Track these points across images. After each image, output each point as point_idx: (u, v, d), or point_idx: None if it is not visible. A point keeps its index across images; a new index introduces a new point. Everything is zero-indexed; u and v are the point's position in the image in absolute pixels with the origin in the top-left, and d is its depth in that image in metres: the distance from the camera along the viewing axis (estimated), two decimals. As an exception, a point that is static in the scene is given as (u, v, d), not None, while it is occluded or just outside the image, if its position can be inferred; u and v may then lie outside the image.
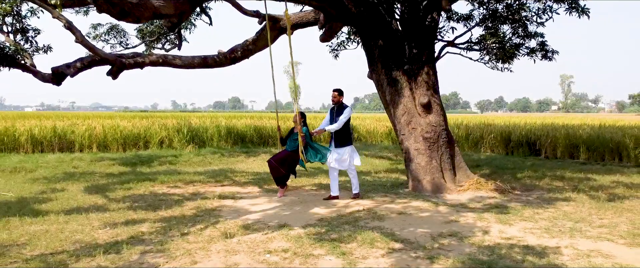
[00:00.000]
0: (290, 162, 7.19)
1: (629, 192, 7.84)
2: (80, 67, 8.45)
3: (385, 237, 4.96)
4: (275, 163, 7.13)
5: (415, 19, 7.77)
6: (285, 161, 7.17)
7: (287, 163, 7.17)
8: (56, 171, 10.17)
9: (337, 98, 7.02)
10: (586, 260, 4.24)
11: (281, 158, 7.21)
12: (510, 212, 6.19)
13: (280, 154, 7.31)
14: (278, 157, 7.24)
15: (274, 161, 7.17)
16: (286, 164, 7.16)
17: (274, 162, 7.15)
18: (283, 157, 7.21)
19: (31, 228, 5.43)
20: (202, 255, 4.42)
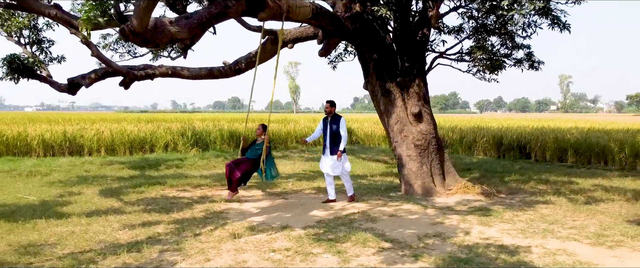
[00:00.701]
0: (246, 170, 7.43)
1: (606, 195, 8.43)
2: (94, 78, 9.01)
3: (376, 237, 5.55)
4: (234, 166, 7.43)
5: (407, 34, 8.36)
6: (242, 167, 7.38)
7: (244, 170, 7.41)
8: (69, 174, 10.76)
9: (329, 109, 7.59)
10: (551, 258, 4.82)
11: (240, 163, 7.45)
12: (491, 214, 6.79)
13: (240, 159, 7.57)
14: (237, 161, 7.51)
15: (234, 164, 7.50)
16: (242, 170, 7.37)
17: (233, 165, 7.43)
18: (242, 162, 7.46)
19: (57, 229, 6.02)
20: (214, 254, 5.00)
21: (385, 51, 8.37)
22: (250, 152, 7.65)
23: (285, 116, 26.29)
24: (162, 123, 18.31)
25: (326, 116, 7.68)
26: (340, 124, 7.47)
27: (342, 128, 7.50)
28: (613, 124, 24.06)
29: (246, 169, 7.41)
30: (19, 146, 13.24)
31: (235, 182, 7.36)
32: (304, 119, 23.78)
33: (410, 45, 8.33)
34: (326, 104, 7.65)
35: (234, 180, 7.34)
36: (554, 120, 29.97)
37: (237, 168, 7.33)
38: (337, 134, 7.45)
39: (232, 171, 7.35)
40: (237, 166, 7.37)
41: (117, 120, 19.25)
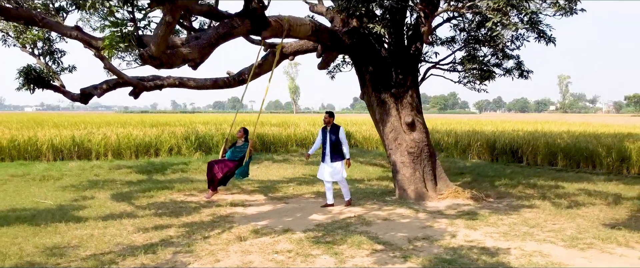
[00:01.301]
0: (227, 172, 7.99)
1: (589, 199, 8.96)
2: (106, 88, 9.52)
3: (370, 240, 6.08)
4: (217, 167, 7.95)
5: (400, 48, 8.89)
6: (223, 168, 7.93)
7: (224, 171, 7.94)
8: (80, 179, 11.28)
9: (328, 120, 8.13)
10: (527, 259, 5.35)
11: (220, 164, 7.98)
12: (478, 218, 7.32)
13: (221, 160, 8.09)
14: (219, 162, 8.04)
15: (216, 165, 8.00)
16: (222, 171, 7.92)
17: (216, 166, 7.98)
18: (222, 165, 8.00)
19: (77, 232, 6.54)
20: (222, 255, 5.53)
21: (381, 64, 8.90)
22: (231, 153, 8.20)
23: (285, 120, 26.78)
24: (166, 127, 18.85)
25: (325, 126, 8.20)
26: (339, 134, 8.00)
27: (342, 137, 8.04)
28: (606, 127, 24.56)
29: (227, 171, 7.95)
30: (29, 151, 13.76)
31: (216, 182, 7.91)
32: (304, 123, 24.30)
33: (404, 58, 8.85)
34: (325, 115, 8.18)
35: (215, 180, 7.89)
36: (548, 122, 30.46)
37: (219, 170, 7.85)
38: (337, 143, 7.97)
39: (213, 171, 7.86)
40: (219, 168, 7.88)
41: (121, 124, 19.74)
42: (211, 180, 7.99)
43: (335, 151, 8.02)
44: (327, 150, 8.11)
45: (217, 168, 7.96)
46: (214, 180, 7.92)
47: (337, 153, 8.01)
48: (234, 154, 8.20)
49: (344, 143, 8.06)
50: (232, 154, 8.21)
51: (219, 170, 7.91)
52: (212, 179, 7.95)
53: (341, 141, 8.04)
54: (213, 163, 8.03)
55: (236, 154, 8.15)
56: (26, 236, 6.28)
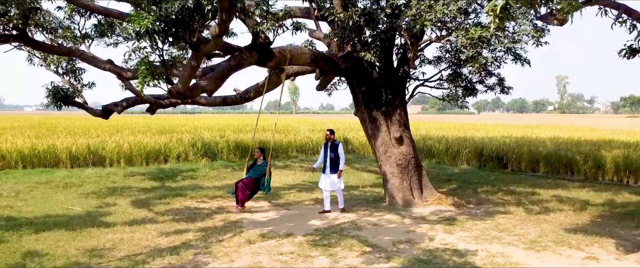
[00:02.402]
0: (252, 187, 9.19)
1: (559, 206, 10.03)
2: (125, 105, 10.55)
3: (360, 243, 7.15)
4: (244, 186, 9.14)
5: (390, 71, 9.95)
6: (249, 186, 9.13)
7: (250, 188, 9.16)
8: (99, 185, 12.33)
9: (329, 136, 9.22)
10: (490, 260, 6.42)
11: (247, 182, 9.17)
12: (455, 224, 8.39)
13: (246, 180, 9.26)
14: (245, 181, 9.22)
15: (243, 184, 9.17)
16: (249, 188, 9.14)
17: (243, 185, 9.16)
18: (248, 182, 9.18)
19: (109, 236, 7.61)
20: (236, 256, 6.59)
21: (372, 85, 9.96)
22: (253, 172, 9.28)
23: (286, 125, 27.80)
24: (174, 134, 19.90)
25: (327, 142, 9.28)
26: (338, 150, 9.09)
27: (340, 152, 9.13)
28: (593, 132, 25.64)
29: (252, 189, 9.09)
30: (49, 159, 14.81)
31: (244, 200, 9.07)
32: (304, 127, 25.35)
33: (393, 80, 9.92)
34: (327, 132, 9.29)
35: (242, 199, 9.05)
36: (539, 126, 31.56)
37: (242, 192, 9.00)
38: (335, 159, 9.09)
39: (242, 191, 9.03)
40: (246, 186, 9.03)
41: (129, 128, 20.77)
42: (238, 197, 9.15)
43: (334, 165, 9.11)
44: (327, 164, 9.21)
45: (241, 190, 9.12)
46: (241, 199, 9.13)
47: (336, 167, 9.10)
48: (255, 172, 9.29)
49: (341, 157, 9.14)
50: (254, 172, 9.30)
51: (242, 192, 9.09)
52: (242, 197, 9.12)
53: (339, 155, 9.13)
54: (241, 183, 9.19)
55: (257, 172, 9.24)
56: (66, 240, 7.34)
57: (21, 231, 7.68)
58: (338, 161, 9.15)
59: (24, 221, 8.39)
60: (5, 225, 8.10)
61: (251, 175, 9.35)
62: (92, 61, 8.21)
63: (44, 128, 25.23)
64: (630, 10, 6.48)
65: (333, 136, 9.28)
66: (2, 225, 8.10)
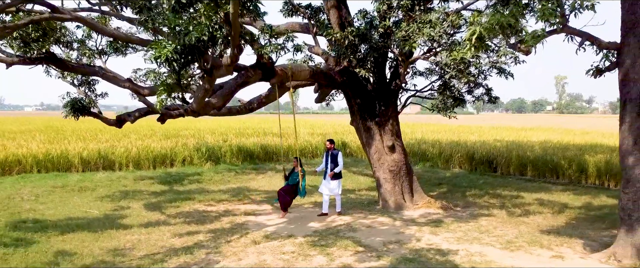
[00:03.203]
0: (291, 193, 10.09)
1: (539, 209, 10.85)
2: (138, 115, 11.37)
3: (354, 244, 7.97)
4: (284, 193, 10.03)
5: (383, 84, 10.77)
6: (289, 192, 10.05)
7: (291, 195, 10.07)
8: (112, 189, 13.15)
9: (330, 146, 10.05)
10: (468, 259, 7.24)
11: (286, 189, 10.09)
12: (441, 226, 9.22)
13: (285, 187, 10.17)
14: (285, 189, 10.11)
15: (283, 192, 10.06)
16: (290, 195, 10.05)
17: (283, 192, 10.05)
18: (287, 189, 10.10)
19: (128, 237, 8.43)
20: (243, 255, 7.41)
21: (367, 97, 10.78)
22: (291, 179, 10.07)
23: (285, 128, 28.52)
24: (179, 138, 20.71)
25: (328, 150, 10.10)
26: (337, 158, 9.91)
27: (339, 160, 9.96)
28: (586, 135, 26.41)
29: (291, 195, 10.02)
30: (62, 163, 15.62)
31: (287, 205, 10.05)
32: (303, 131, 26.13)
33: (386, 93, 10.74)
34: (327, 142, 10.12)
35: (285, 204, 9.99)
36: (533, 129, 32.38)
37: (287, 195, 9.91)
38: (336, 166, 9.90)
39: (283, 197, 9.96)
40: (286, 193, 9.93)
41: (136, 132, 21.54)
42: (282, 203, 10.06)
43: (335, 174, 9.94)
44: (327, 171, 10.04)
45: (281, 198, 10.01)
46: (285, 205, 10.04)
47: (336, 174, 9.93)
48: (293, 179, 10.08)
49: (339, 164, 9.96)
50: (292, 179, 10.10)
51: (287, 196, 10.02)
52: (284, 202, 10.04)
53: (338, 163, 9.96)
54: (281, 191, 10.05)
55: (294, 179, 10.05)
56: (90, 241, 8.16)
57: (49, 233, 8.50)
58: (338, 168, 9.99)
59: (49, 223, 9.21)
60: (33, 227, 8.92)
61: (289, 183, 10.15)
62: (112, 79, 9.03)
63: (51, 131, 26.01)
64: (592, 38, 7.31)
65: (333, 146, 10.10)
66: (30, 227, 8.92)
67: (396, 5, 9.61)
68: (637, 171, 7.09)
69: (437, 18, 8.83)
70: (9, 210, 10.36)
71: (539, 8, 7.03)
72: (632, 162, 7.16)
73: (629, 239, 7.14)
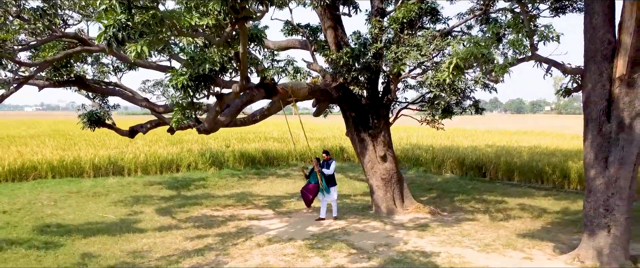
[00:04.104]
0: (314, 191, 10.93)
1: (520, 213, 11.77)
2: (149, 127, 12.31)
3: (348, 246, 8.90)
4: (306, 191, 10.88)
5: (376, 99, 11.70)
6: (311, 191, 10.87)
7: (313, 193, 10.91)
8: (124, 194, 14.07)
9: (326, 158, 10.97)
10: (448, 260, 8.17)
11: (309, 188, 10.95)
12: (427, 230, 10.15)
13: (307, 185, 11.01)
14: (307, 187, 10.96)
15: (305, 190, 10.91)
16: (312, 193, 10.89)
17: (305, 191, 10.90)
18: (310, 187, 10.93)
19: (144, 240, 9.35)
20: (248, 257, 8.34)
21: (361, 111, 11.71)
22: (312, 178, 10.92)
23: (284, 131, 29.49)
24: (184, 144, 21.65)
25: (323, 161, 11.02)
26: (330, 166, 10.83)
27: (332, 167, 10.87)
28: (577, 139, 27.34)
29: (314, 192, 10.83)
30: (75, 169, 16.55)
31: (309, 201, 10.87)
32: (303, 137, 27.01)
33: (378, 107, 11.67)
34: (323, 154, 11.04)
35: (308, 200, 10.83)
36: (526, 133, 33.30)
37: (308, 193, 10.79)
38: (330, 175, 10.82)
39: (306, 195, 10.82)
40: (308, 191, 10.80)
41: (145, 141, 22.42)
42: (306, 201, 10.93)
43: (330, 180, 10.87)
44: (324, 179, 10.96)
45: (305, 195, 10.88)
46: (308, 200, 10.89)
47: (331, 181, 10.86)
48: (314, 179, 10.92)
49: (330, 169, 10.85)
50: (313, 179, 10.95)
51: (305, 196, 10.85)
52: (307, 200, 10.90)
53: (330, 169, 10.86)
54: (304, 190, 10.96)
55: (315, 178, 10.90)
56: (111, 244, 9.08)
57: (73, 236, 9.42)
58: (332, 177, 10.90)
59: (72, 228, 10.13)
60: (57, 231, 9.85)
61: (311, 181, 11.00)
62: (131, 98, 9.96)
63: (58, 135, 26.97)
64: (558, 64, 8.25)
65: (328, 157, 11.02)
66: (55, 231, 9.84)
67: (387, 27, 10.56)
68: (598, 182, 8.02)
69: (424, 41, 9.76)
70: (33, 214, 11.28)
71: (510, 39, 8.00)
72: (593, 174, 8.10)
73: (591, 242, 8.08)
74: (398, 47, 9.83)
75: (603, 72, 7.89)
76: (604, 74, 7.89)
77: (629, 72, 7.66)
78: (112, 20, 4.28)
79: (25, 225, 10.32)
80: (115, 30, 4.37)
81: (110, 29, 4.36)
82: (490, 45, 7.65)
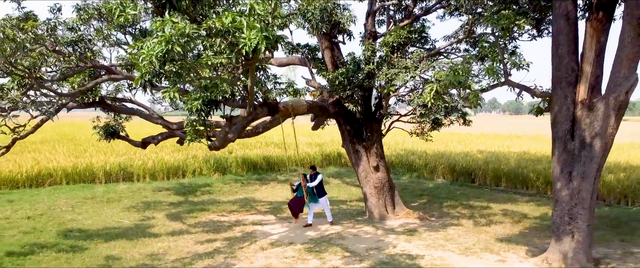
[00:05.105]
0: (300, 204, 12.05)
1: (502, 219, 12.80)
2: (160, 139, 13.32)
3: (342, 250, 9.93)
4: (293, 204, 11.96)
5: (369, 114, 12.75)
6: (298, 203, 12.00)
7: (299, 205, 12.02)
8: (135, 200, 15.09)
9: (312, 173, 12.02)
10: (431, 262, 9.19)
11: (295, 201, 12.03)
12: (415, 234, 11.18)
13: (294, 199, 12.10)
14: (294, 200, 12.04)
15: (292, 203, 12.00)
16: (298, 205, 12.01)
17: (292, 204, 11.99)
18: (296, 200, 12.03)
19: (159, 244, 10.38)
20: (254, 259, 9.37)
21: (356, 124, 12.75)
22: (299, 192, 12.00)
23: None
24: (189, 151, 22.64)
25: (310, 175, 12.06)
26: (315, 180, 11.85)
27: (317, 179, 11.89)
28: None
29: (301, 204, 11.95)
30: (87, 175, 17.58)
31: (296, 213, 11.96)
32: (302, 141, 28.06)
33: (371, 121, 12.71)
34: (310, 170, 12.08)
35: (294, 212, 11.94)
36: (519, 137, 34.33)
37: (295, 205, 11.88)
38: (319, 185, 11.87)
39: (292, 208, 11.94)
40: (294, 203, 11.92)
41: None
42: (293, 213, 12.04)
43: (319, 191, 11.91)
44: (314, 191, 12.01)
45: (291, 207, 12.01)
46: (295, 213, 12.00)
47: (321, 192, 11.90)
48: (300, 192, 12.02)
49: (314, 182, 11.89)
50: (300, 193, 12.04)
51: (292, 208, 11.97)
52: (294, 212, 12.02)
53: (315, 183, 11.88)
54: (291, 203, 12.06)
55: (301, 192, 11.98)
56: (130, 247, 10.11)
57: (95, 240, 10.45)
58: (321, 188, 11.95)
59: (92, 232, 11.16)
60: (80, 236, 10.88)
61: (298, 195, 12.08)
62: (148, 117, 10.98)
63: (66, 140, 27.98)
64: (528, 89, 9.29)
65: (314, 172, 12.06)
66: (78, 236, 10.87)
67: (379, 49, 11.63)
68: (563, 194, 9.06)
69: (412, 63, 10.81)
70: (54, 220, 12.31)
71: (485, 67, 9.04)
72: (559, 186, 9.14)
73: (558, 247, 9.12)
74: (389, 69, 10.87)
75: (567, 96, 8.94)
76: (569, 98, 8.94)
77: (589, 97, 8.72)
78: (148, 68, 5.31)
79: (50, 229, 11.35)
80: (150, 77, 5.40)
81: (146, 75, 5.39)
82: (467, 73, 8.69)
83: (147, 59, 5.00)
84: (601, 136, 8.62)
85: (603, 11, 8.56)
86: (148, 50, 5.00)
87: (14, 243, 10.20)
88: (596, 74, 8.69)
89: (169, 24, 5.12)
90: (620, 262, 9.24)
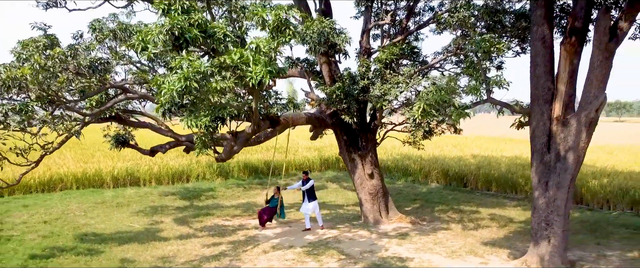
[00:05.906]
0: (269, 214, 12.91)
1: (489, 223, 13.63)
2: (168, 147, 14.12)
3: (338, 252, 10.76)
4: (262, 213, 12.81)
5: (364, 124, 13.59)
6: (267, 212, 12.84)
7: (268, 214, 12.87)
8: (143, 205, 15.91)
9: (305, 178, 12.85)
10: (419, 264, 10.02)
11: (265, 210, 12.89)
12: (406, 238, 12.01)
13: (265, 208, 12.96)
14: (264, 209, 12.91)
15: (262, 212, 12.85)
16: (267, 214, 12.85)
17: (261, 212, 12.84)
18: (267, 210, 12.89)
19: (169, 247, 11.20)
20: (257, 262, 10.20)
21: (352, 134, 13.59)
22: (271, 203, 12.88)
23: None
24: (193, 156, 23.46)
25: (303, 180, 12.89)
26: (306, 185, 12.69)
27: (308, 185, 12.73)
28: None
29: (270, 214, 12.74)
30: (96, 180, 18.40)
31: (264, 222, 12.73)
32: (302, 146, 28.92)
33: (367, 131, 13.55)
34: (303, 175, 12.91)
35: (263, 221, 12.69)
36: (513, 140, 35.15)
37: (265, 214, 12.63)
38: (311, 190, 12.70)
39: (261, 217, 12.67)
40: (264, 212, 12.67)
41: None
42: (260, 221, 12.84)
43: (310, 196, 12.74)
44: (305, 196, 12.84)
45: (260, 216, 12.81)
46: (262, 221, 12.83)
47: (311, 197, 12.73)
48: (273, 204, 12.90)
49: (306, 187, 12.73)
50: (272, 204, 12.91)
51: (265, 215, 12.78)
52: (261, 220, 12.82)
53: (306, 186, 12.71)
54: (261, 211, 12.87)
55: (274, 203, 12.86)
56: (141, 250, 10.93)
57: (109, 244, 11.28)
58: (312, 192, 12.79)
59: (106, 236, 11.98)
60: (95, 239, 11.70)
61: (270, 206, 12.95)
62: (159, 130, 11.81)
63: (71, 143, 28.73)
64: (508, 105, 10.13)
65: (306, 177, 12.89)
66: (93, 239, 11.70)
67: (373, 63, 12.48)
68: (541, 202, 9.90)
69: (404, 79, 11.64)
70: (70, 224, 13.14)
71: (468, 86, 9.87)
72: (537, 195, 9.98)
73: (536, 250, 9.95)
74: (382, 84, 11.70)
75: (544, 112, 9.77)
76: (545, 114, 9.77)
77: (563, 114, 9.55)
78: (168, 99, 6.15)
79: (66, 234, 12.17)
80: (170, 105, 6.24)
81: (166, 104, 6.22)
82: (451, 92, 9.52)
83: (168, 93, 5.83)
84: (574, 150, 9.45)
85: (575, 36, 9.39)
86: (169, 85, 5.83)
87: (35, 246, 11.03)
88: (570, 93, 9.53)
89: (186, 61, 5.95)
90: (593, 264, 10.07)
